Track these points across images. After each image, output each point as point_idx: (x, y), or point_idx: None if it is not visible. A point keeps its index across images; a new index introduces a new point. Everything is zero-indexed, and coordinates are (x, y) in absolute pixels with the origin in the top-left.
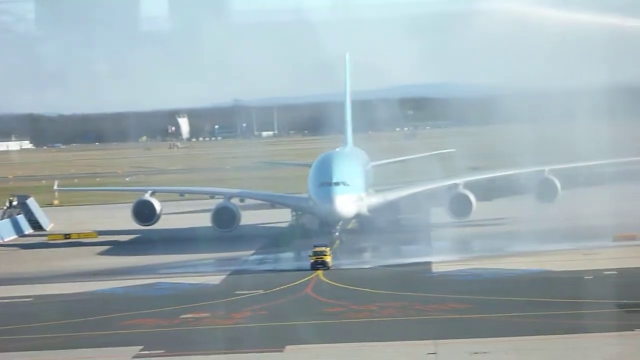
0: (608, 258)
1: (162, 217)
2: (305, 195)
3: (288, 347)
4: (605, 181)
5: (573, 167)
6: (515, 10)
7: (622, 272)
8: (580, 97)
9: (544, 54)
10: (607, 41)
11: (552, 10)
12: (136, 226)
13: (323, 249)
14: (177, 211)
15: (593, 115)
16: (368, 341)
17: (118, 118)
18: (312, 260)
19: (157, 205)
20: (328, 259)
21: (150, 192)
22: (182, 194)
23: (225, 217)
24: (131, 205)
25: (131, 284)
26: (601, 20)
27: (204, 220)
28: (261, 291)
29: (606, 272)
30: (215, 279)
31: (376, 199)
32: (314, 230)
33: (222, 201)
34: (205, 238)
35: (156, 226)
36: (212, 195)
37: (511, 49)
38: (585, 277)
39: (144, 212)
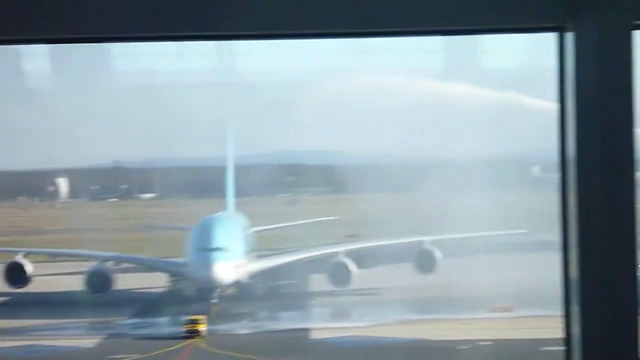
0: (483, 328)
1: (35, 279)
2: (183, 260)
3: None
4: (483, 252)
5: (453, 238)
6: (395, 81)
7: (497, 343)
8: (461, 168)
9: (426, 125)
10: (486, 113)
11: (430, 82)
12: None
13: (197, 317)
14: (50, 273)
15: (474, 186)
16: None
17: None
18: (186, 329)
19: (29, 267)
20: (202, 327)
21: (22, 253)
22: (55, 256)
23: (99, 281)
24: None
25: (2, 346)
26: (479, 92)
27: (78, 284)
28: (136, 356)
29: (480, 343)
30: (89, 343)
31: (256, 266)
32: (192, 296)
33: (96, 264)
34: (78, 302)
35: (27, 289)
36: (87, 258)
37: (392, 119)
38: (460, 347)
39: (15, 274)
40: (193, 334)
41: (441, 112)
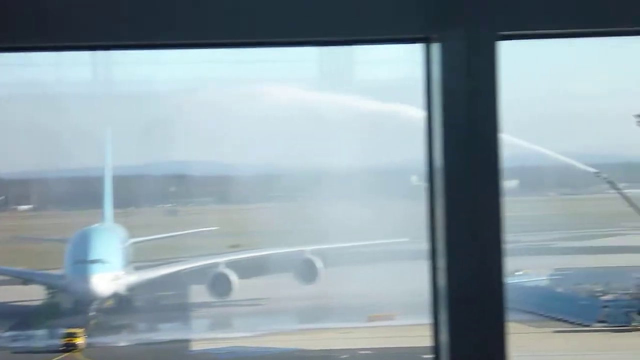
0: (363, 337)
1: None
2: (60, 272)
3: None
4: (365, 261)
5: (335, 248)
6: (273, 92)
7: (377, 352)
8: (342, 178)
9: (306, 136)
10: (366, 124)
11: (309, 92)
12: None
13: (74, 330)
14: None
15: (354, 196)
16: None
17: None
18: (63, 342)
19: None
20: (80, 340)
21: None
22: None
23: None
24: None
25: None
26: (358, 102)
27: None
28: None
29: (361, 352)
30: None
31: (135, 278)
32: (70, 308)
33: None
34: None
35: None
36: None
37: (272, 130)
38: (341, 357)
39: None
40: (70, 347)
41: (321, 122)
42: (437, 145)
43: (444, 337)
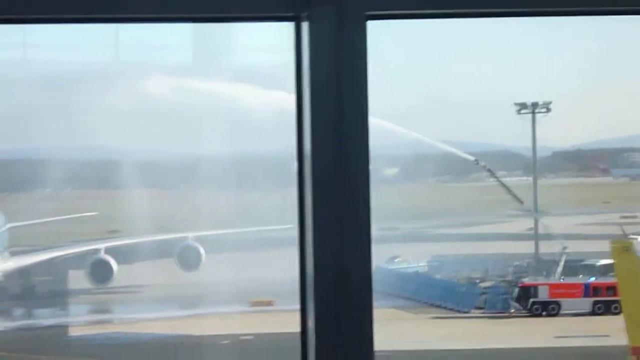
0: (244, 323)
1: None
2: None
3: None
4: (247, 248)
5: (217, 234)
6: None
7: (258, 337)
8: (223, 166)
9: (185, 123)
10: (243, 110)
11: (183, 79)
12: None
13: None
14: None
15: (239, 184)
16: None
17: None
18: None
19: None
20: None
21: None
22: None
23: None
24: None
25: None
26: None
27: None
28: None
29: (242, 337)
30: None
31: (11, 263)
32: None
33: None
34: None
35: None
36: None
37: (149, 116)
38: (222, 342)
39: None
40: None
41: (195, 110)
42: (306, 131)
43: (311, 323)
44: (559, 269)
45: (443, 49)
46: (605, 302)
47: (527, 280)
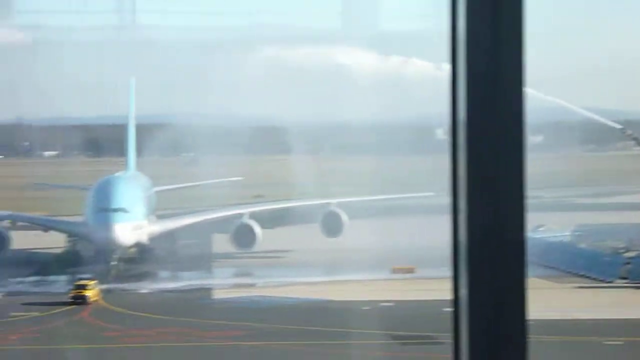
0: (386, 290)
1: None
2: (81, 219)
3: None
4: (390, 214)
5: (360, 201)
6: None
7: (399, 304)
8: (367, 132)
9: (330, 91)
10: (390, 78)
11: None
12: None
13: (85, 282)
14: None
15: (381, 150)
16: None
17: None
18: (72, 294)
19: None
20: (90, 293)
21: None
22: None
23: None
24: None
25: None
26: (380, 57)
27: None
28: (36, 313)
29: (383, 304)
30: None
31: (157, 227)
32: (91, 256)
33: None
34: None
35: None
36: None
37: (294, 85)
38: (364, 308)
39: None
40: (78, 300)
41: (344, 77)
42: (460, 98)
43: (464, 291)
44: None
45: (592, 15)
46: None
47: None
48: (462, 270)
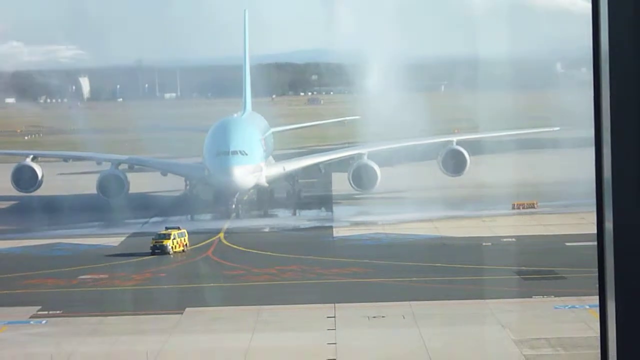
0: (507, 225)
1: (46, 181)
2: (199, 162)
3: (188, 309)
4: (513, 150)
5: (480, 137)
6: None
7: (520, 240)
8: (489, 66)
9: (446, 25)
10: (505, 13)
11: None
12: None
13: (168, 232)
14: (64, 173)
15: (500, 85)
16: (267, 304)
17: (17, 76)
18: (152, 244)
19: (39, 171)
20: (171, 243)
21: (31, 156)
22: (66, 159)
23: (111, 185)
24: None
25: (29, 244)
26: None
27: (91, 186)
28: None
29: (505, 239)
30: (114, 241)
31: (276, 170)
32: (210, 200)
33: (109, 169)
34: (92, 206)
35: (39, 192)
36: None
37: (418, 21)
38: (484, 244)
39: (25, 178)
40: (157, 250)
41: (466, 10)
42: (603, 31)
43: (608, 225)
44: None
45: None
46: None
47: None
48: (606, 204)
